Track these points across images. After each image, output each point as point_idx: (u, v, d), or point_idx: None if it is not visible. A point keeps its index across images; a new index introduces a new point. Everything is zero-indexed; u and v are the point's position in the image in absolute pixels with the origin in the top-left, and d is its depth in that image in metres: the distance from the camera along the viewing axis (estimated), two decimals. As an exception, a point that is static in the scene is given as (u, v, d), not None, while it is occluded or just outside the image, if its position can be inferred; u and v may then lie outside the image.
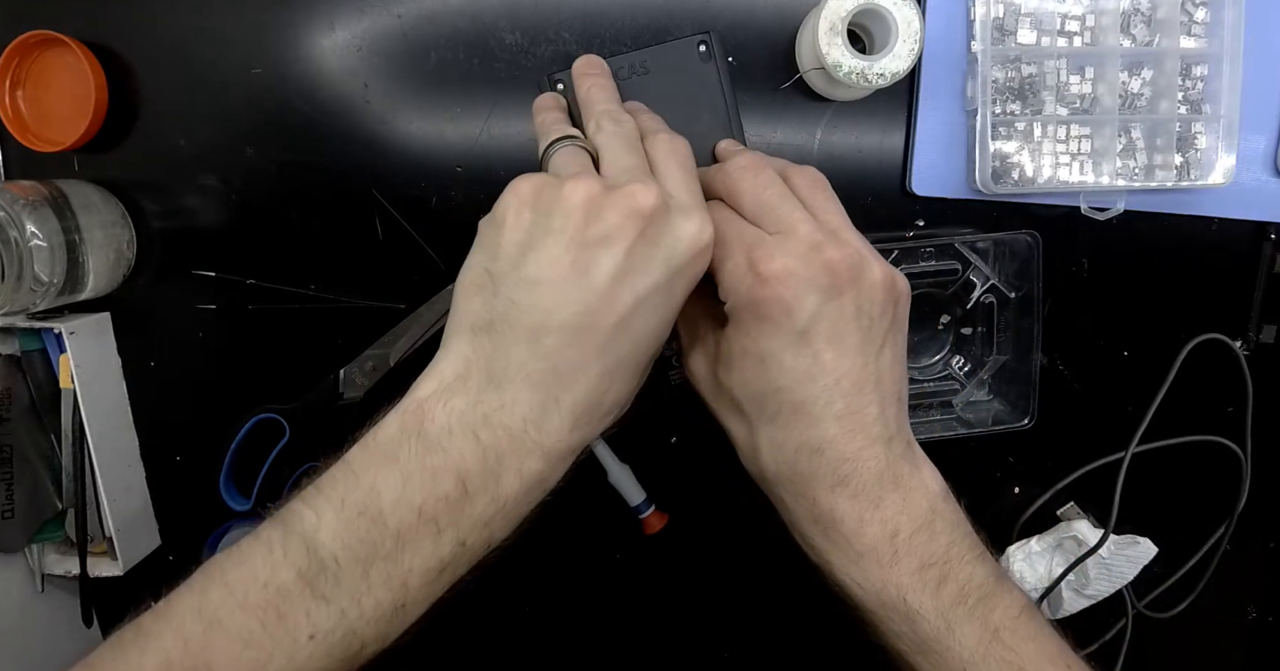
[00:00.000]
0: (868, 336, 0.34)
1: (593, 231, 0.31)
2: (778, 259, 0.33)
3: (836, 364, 0.33)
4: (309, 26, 0.48)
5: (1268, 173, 0.50)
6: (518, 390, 0.31)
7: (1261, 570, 0.57)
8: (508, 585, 0.55)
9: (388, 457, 0.30)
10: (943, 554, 0.33)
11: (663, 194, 0.32)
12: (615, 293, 0.31)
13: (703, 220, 0.33)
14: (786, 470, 0.35)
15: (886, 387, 0.34)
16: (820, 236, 0.34)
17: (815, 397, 0.33)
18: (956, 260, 0.50)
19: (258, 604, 0.28)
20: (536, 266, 0.31)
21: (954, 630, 0.32)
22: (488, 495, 0.30)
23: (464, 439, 0.30)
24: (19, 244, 0.43)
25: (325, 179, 0.49)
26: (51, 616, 0.53)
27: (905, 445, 0.35)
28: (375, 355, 0.50)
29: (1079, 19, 0.47)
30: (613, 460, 0.51)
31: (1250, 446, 0.53)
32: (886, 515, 0.33)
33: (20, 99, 0.48)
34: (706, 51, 0.43)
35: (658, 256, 0.31)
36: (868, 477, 0.34)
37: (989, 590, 0.33)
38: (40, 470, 0.50)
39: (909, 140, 0.49)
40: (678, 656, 0.56)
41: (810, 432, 0.33)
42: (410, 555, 0.29)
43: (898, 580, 0.33)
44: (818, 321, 0.33)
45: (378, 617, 0.29)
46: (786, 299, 0.33)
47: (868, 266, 0.34)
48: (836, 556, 0.34)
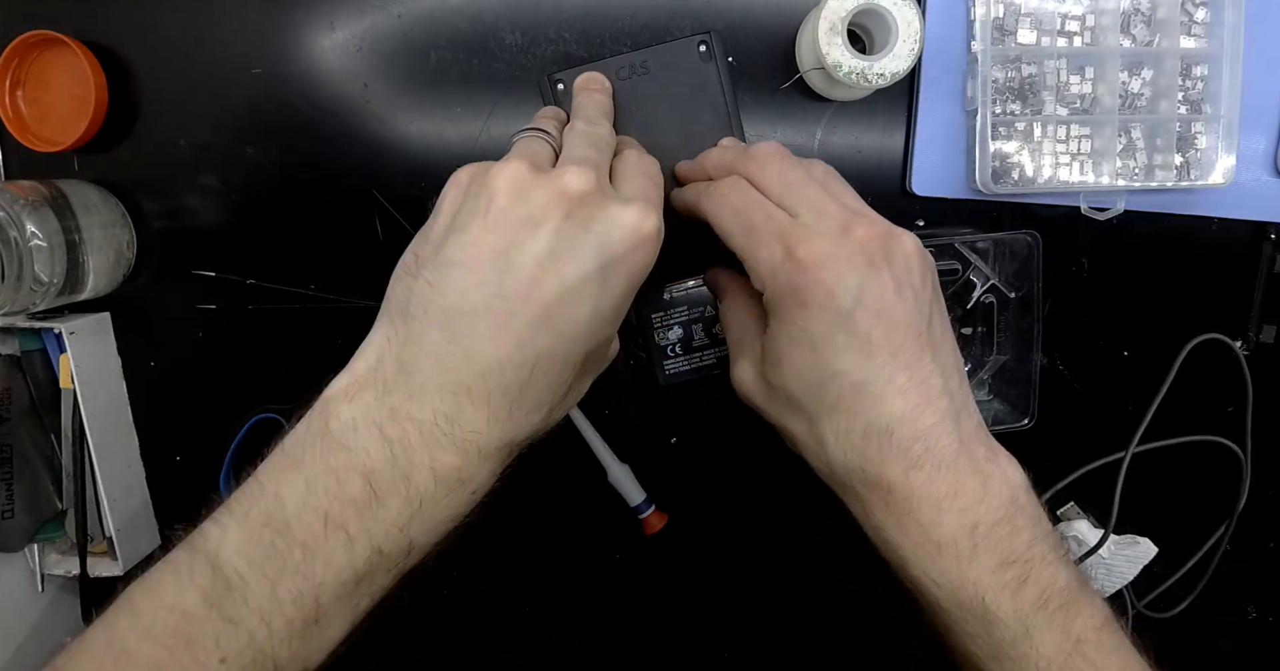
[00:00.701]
0: (915, 308, 0.33)
1: (516, 212, 0.29)
2: (813, 242, 0.32)
3: (890, 338, 0.32)
4: (309, 26, 0.48)
5: (1268, 173, 0.50)
6: (427, 377, 0.29)
7: (1261, 570, 0.57)
8: (508, 585, 0.55)
9: (292, 463, 0.29)
10: (1024, 552, 0.32)
11: (600, 180, 0.31)
12: (538, 276, 0.29)
13: (645, 211, 0.31)
14: (856, 458, 0.33)
15: (945, 358, 0.33)
16: (848, 216, 0.33)
17: (875, 375, 0.32)
18: (956, 260, 0.50)
19: (165, 631, 0.27)
20: (458, 247, 0.30)
21: (1032, 637, 0.31)
22: (399, 496, 0.28)
23: (369, 435, 0.28)
24: (19, 244, 0.43)
25: (325, 179, 0.49)
26: (51, 616, 0.53)
27: (976, 423, 0.34)
28: (375, 355, 0.50)
29: (1079, 19, 0.47)
30: (613, 460, 0.51)
31: (1250, 446, 0.53)
32: (965, 503, 0.32)
33: (20, 99, 0.48)
34: (707, 51, 0.43)
35: (588, 242, 0.30)
36: (943, 458, 0.32)
37: (1072, 596, 0.31)
38: (40, 470, 0.50)
39: (909, 140, 0.49)
40: (678, 656, 0.56)
41: (876, 412, 0.32)
42: (321, 566, 0.27)
43: (976, 578, 0.31)
44: (863, 299, 0.32)
45: (290, 636, 0.27)
46: (828, 281, 0.32)
47: (898, 239, 0.33)
48: (912, 550, 0.32)
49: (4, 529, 0.49)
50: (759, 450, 0.52)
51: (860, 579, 0.55)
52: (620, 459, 0.51)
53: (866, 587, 0.55)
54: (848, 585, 0.55)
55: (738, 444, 0.52)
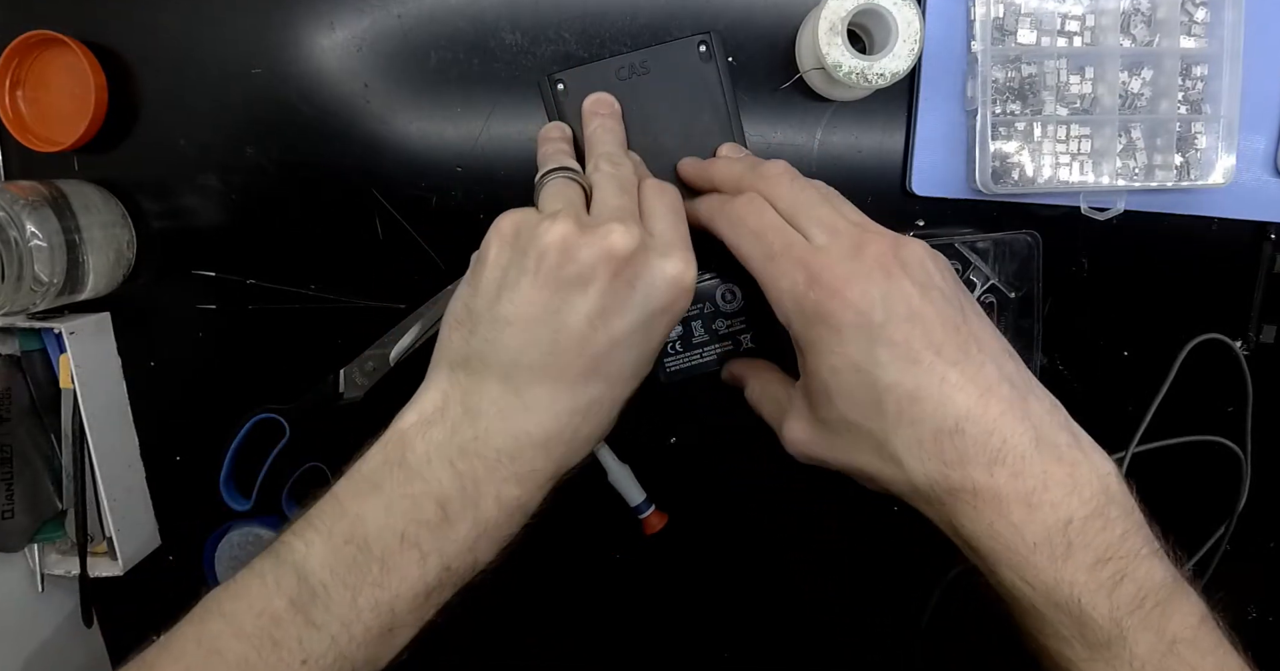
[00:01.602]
0: (945, 305, 0.33)
1: (567, 272, 0.31)
2: (828, 270, 0.33)
3: (929, 339, 0.32)
4: (309, 26, 0.48)
5: (1268, 173, 0.50)
6: (490, 423, 0.32)
7: (1261, 570, 0.57)
8: (508, 585, 0.55)
9: (372, 487, 0.32)
10: (1119, 546, 0.30)
11: (642, 235, 0.33)
12: (588, 334, 0.32)
13: (685, 261, 0.33)
14: (935, 466, 0.32)
15: (991, 346, 0.33)
16: (858, 233, 0.34)
17: (926, 378, 0.32)
18: (957, 260, 0.50)
19: (253, 632, 0.29)
20: (511, 305, 0.32)
21: (1126, 638, 0.30)
22: (468, 521, 0.31)
23: (442, 468, 0.31)
24: (19, 244, 0.43)
25: (325, 179, 0.49)
26: (51, 616, 0.53)
27: (1050, 407, 0.33)
28: (375, 355, 0.50)
29: (1079, 19, 0.47)
30: (613, 460, 0.51)
31: (1250, 446, 0.53)
32: (1056, 496, 0.30)
33: (20, 99, 0.48)
34: (707, 51, 0.43)
35: (634, 298, 0.32)
36: (1024, 449, 0.31)
37: (1168, 593, 0.30)
38: (40, 470, 0.50)
39: (909, 140, 0.49)
40: (678, 656, 0.56)
41: (941, 414, 0.31)
42: (397, 580, 0.30)
43: (1071, 577, 0.30)
44: (892, 309, 0.32)
45: (367, 642, 0.30)
46: (854, 300, 0.33)
47: (908, 247, 0.34)
48: (1006, 553, 0.31)
49: (4, 529, 0.49)
50: (759, 450, 0.52)
51: (860, 579, 0.55)
52: (620, 459, 0.51)
53: (866, 587, 0.55)
54: (848, 585, 0.55)
55: (738, 444, 0.52)
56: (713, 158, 0.43)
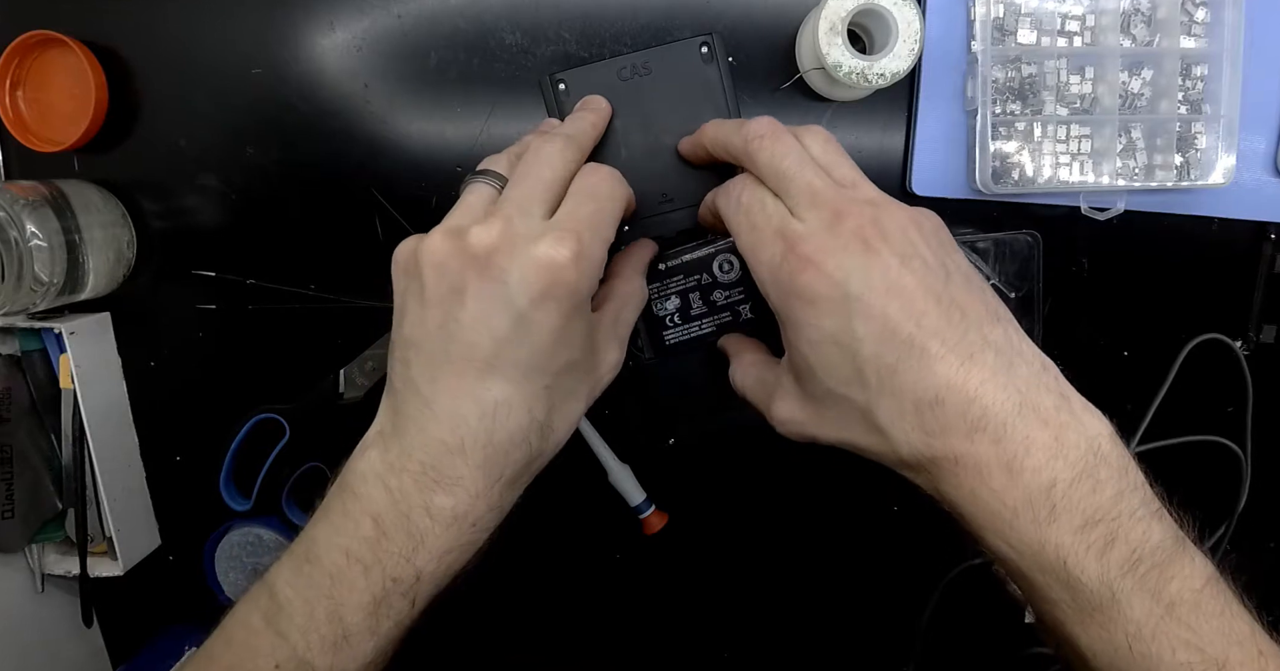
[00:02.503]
0: (925, 274, 0.32)
1: (442, 286, 0.33)
2: (804, 243, 0.33)
3: (908, 310, 0.32)
4: (309, 26, 0.48)
5: (1268, 173, 0.50)
6: (411, 438, 0.33)
7: (1261, 570, 0.57)
8: (508, 585, 0.55)
9: (324, 511, 0.35)
10: (1110, 508, 0.30)
11: (507, 229, 0.33)
12: (473, 339, 0.32)
13: (557, 241, 0.32)
14: (918, 436, 0.32)
15: (977, 311, 0.32)
16: (840, 201, 0.34)
17: (907, 350, 0.31)
18: (956, 260, 0.50)
19: (238, 640, 0.34)
20: (408, 328, 0.34)
21: (1119, 601, 0.29)
22: (402, 532, 0.33)
23: (375, 485, 0.33)
24: (19, 244, 0.43)
25: (325, 179, 0.49)
26: (51, 616, 0.53)
27: (1038, 368, 0.32)
28: (375, 355, 0.50)
29: (1079, 19, 0.47)
30: (613, 460, 0.51)
31: (1250, 446, 0.53)
32: (1039, 461, 0.30)
33: (20, 99, 0.48)
34: (709, 53, 0.43)
35: (506, 292, 0.32)
36: (1005, 415, 0.30)
37: (1166, 555, 0.30)
38: (40, 470, 0.50)
39: (909, 140, 0.49)
40: (678, 656, 0.56)
41: (920, 385, 0.31)
42: (345, 591, 0.32)
43: (1057, 540, 0.29)
44: (868, 281, 0.32)
45: (324, 650, 0.32)
46: (829, 273, 0.32)
47: (888, 214, 0.33)
48: (988, 518, 0.31)
49: (4, 529, 0.49)
50: (759, 450, 0.52)
51: (860, 578, 0.55)
52: (620, 459, 0.51)
53: (867, 587, 0.55)
54: (848, 585, 0.55)
55: (738, 444, 0.52)
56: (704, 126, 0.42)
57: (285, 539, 0.52)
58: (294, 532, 0.52)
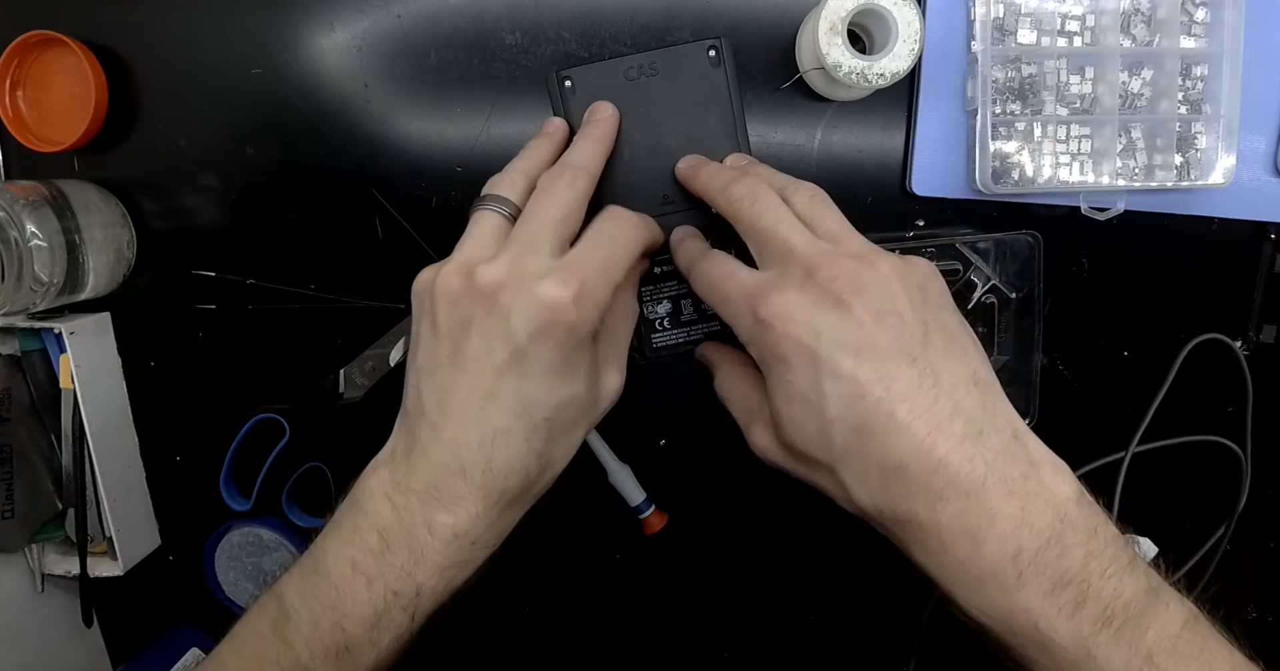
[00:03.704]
0: (901, 334, 0.32)
1: (453, 319, 0.35)
2: (775, 299, 0.33)
3: (879, 373, 0.31)
4: (309, 26, 0.48)
5: (1268, 173, 0.50)
6: (418, 459, 0.35)
7: (1261, 570, 0.57)
8: (508, 585, 0.55)
9: (334, 525, 0.36)
10: (1079, 571, 0.30)
11: (514, 267, 0.34)
12: (478, 370, 0.34)
13: (560, 283, 0.33)
14: (882, 500, 0.32)
15: (952, 377, 0.32)
16: (815, 254, 0.33)
17: (872, 414, 0.31)
18: (957, 260, 0.50)
19: (246, 648, 0.35)
20: (421, 357, 0.36)
21: (1095, 657, 0.29)
22: (405, 547, 0.34)
23: (382, 502, 0.35)
24: (19, 244, 0.43)
25: (325, 179, 0.49)
26: (51, 616, 0.53)
27: (1008, 438, 0.32)
28: (375, 355, 0.50)
29: (1079, 19, 0.47)
30: (613, 460, 0.51)
31: (1250, 446, 0.53)
32: (1004, 531, 0.30)
33: (20, 99, 0.48)
34: (716, 56, 0.43)
35: (508, 328, 0.33)
36: (969, 487, 0.30)
37: (1140, 608, 0.30)
38: (40, 470, 0.50)
39: (909, 140, 0.49)
40: (678, 656, 0.56)
41: (884, 451, 0.31)
42: (348, 602, 0.34)
43: (1026, 605, 0.30)
44: (838, 341, 0.32)
45: (327, 659, 0.33)
46: (796, 333, 0.32)
47: (869, 268, 0.33)
48: (956, 585, 0.31)
49: (4, 529, 0.49)
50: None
51: (860, 579, 0.55)
52: (620, 459, 0.51)
53: (867, 588, 0.55)
54: (848, 585, 0.55)
55: (737, 444, 0.52)
56: (702, 161, 0.42)
57: (285, 539, 0.52)
58: (294, 532, 0.52)
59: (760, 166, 0.41)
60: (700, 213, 0.44)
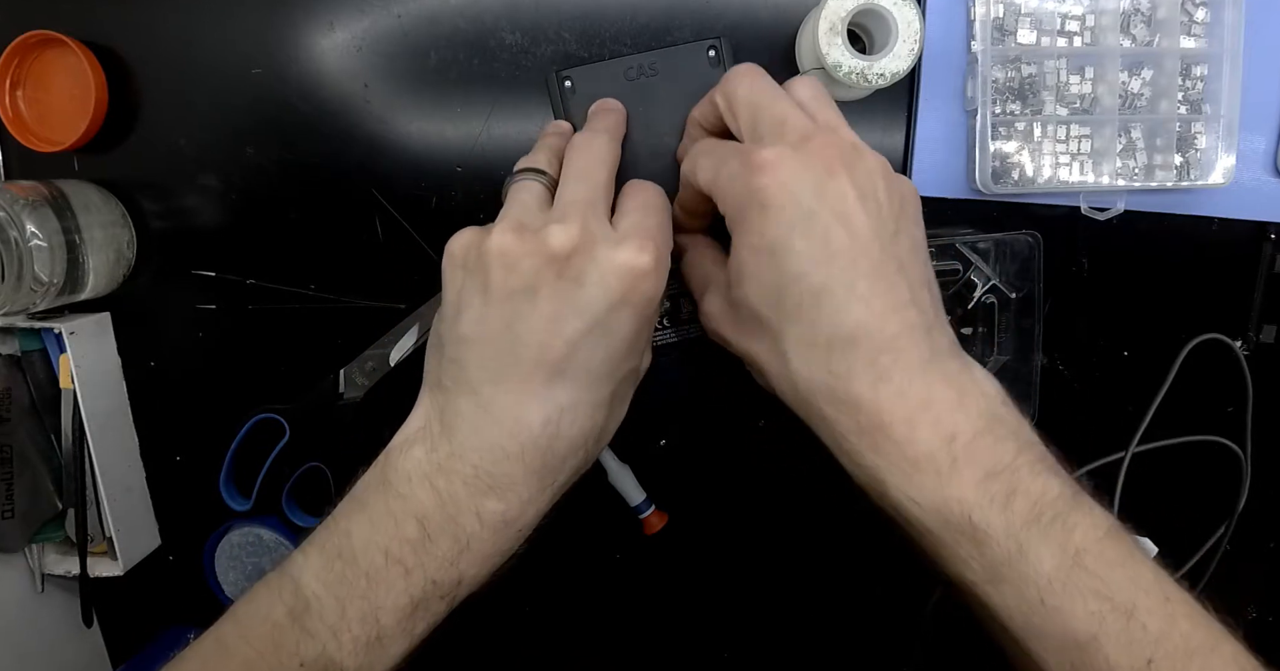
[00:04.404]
0: (877, 219, 0.32)
1: (513, 284, 0.32)
2: (767, 150, 0.32)
3: (850, 243, 0.31)
4: (309, 26, 0.48)
5: (1268, 173, 0.50)
6: (465, 438, 0.32)
7: (1261, 570, 0.57)
8: (508, 585, 0.55)
9: (360, 505, 0.33)
10: (1010, 462, 0.30)
11: (585, 231, 0.32)
12: (545, 340, 0.31)
13: (638, 249, 0.32)
14: (821, 374, 0.31)
15: (913, 273, 0.32)
16: (811, 126, 0.33)
17: (835, 279, 0.31)
18: (957, 260, 0.50)
19: (258, 635, 0.32)
20: (467, 325, 0.33)
21: (1027, 553, 0.29)
22: (448, 536, 0.32)
23: (421, 485, 0.32)
24: (19, 244, 0.43)
25: (325, 179, 0.49)
26: (51, 616, 0.53)
27: (950, 341, 0.32)
28: (375, 355, 0.50)
29: (1079, 19, 0.47)
30: (613, 460, 0.51)
31: (1250, 446, 0.53)
32: (939, 414, 0.30)
33: (20, 99, 0.48)
34: (716, 56, 0.43)
35: (585, 295, 0.31)
36: (912, 369, 0.30)
37: (1066, 506, 0.29)
38: (40, 470, 0.50)
39: (909, 140, 0.49)
40: (678, 656, 0.56)
41: (838, 320, 0.31)
42: (382, 593, 0.31)
43: (960, 494, 0.29)
44: (821, 200, 0.31)
45: (356, 650, 0.31)
46: (784, 180, 0.31)
47: (861, 153, 0.33)
48: (888, 471, 0.31)
49: (4, 529, 0.49)
50: (758, 450, 0.52)
51: (861, 578, 0.55)
52: (620, 459, 0.51)
53: (867, 587, 0.55)
54: (848, 585, 0.55)
55: (737, 444, 0.52)
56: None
57: (285, 539, 0.52)
58: (294, 533, 0.52)
59: None
60: None
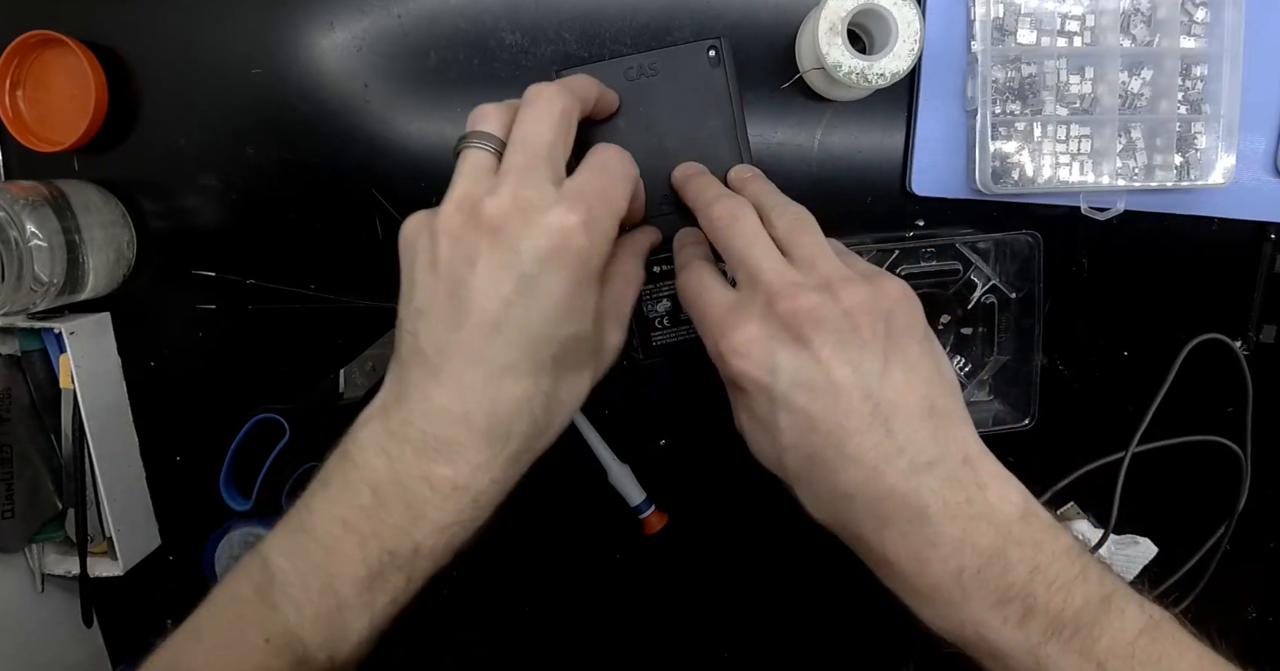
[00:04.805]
0: (858, 368, 0.32)
1: (454, 255, 0.33)
2: (737, 332, 0.33)
3: (831, 408, 0.32)
4: (309, 26, 0.48)
5: (1268, 173, 0.50)
6: (414, 404, 0.33)
7: (1261, 570, 0.57)
8: (508, 585, 0.55)
9: (322, 481, 0.34)
10: (1024, 585, 0.31)
11: (516, 197, 0.32)
12: (484, 303, 0.32)
13: (568, 208, 0.32)
14: (831, 520, 0.34)
15: (907, 410, 0.32)
16: (781, 284, 0.33)
17: (823, 446, 0.32)
18: (957, 260, 0.50)
19: (226, 614, 0.33)
20: (420, 299, 0.34)
21: (1045, 666, 0.30)
22: (400, 503, 0.32)
23: (374, 453, 0.33)
24: (19, 244, 0.43)
25: (325, 179, 0.49)
26: (51, 616, 0.53)
27: (958, 464, 0.32)
28: (375, 355, 0.50)
29: (1079, 19, 0.47)
30: (613, 460, 0.51)
31: (1250, 446, 0.53)
32: (945, 552, 0.31)
33: (20, 99, 0.48)
34: (716, 57, 0.43)
35: (517, 256, 0.32)
36: (913, 513, 0.31)
37: (1091, 616, 0.30)
38: (40, 470, 0.50)
39: (909, 140, 0.49)
40: (678, 656, 0.56)
41: (834, 481, 0.33)
42: (340, 563, 0.32)
43: (974, 618, 0.31)
44: (794, 376, 0.32)
45: (316, 622, 0.32)
46: (752, 369, 0.33)
47: (831, 301, 0.33)
48: (907, 598, 0.33)
49: (4, 529, 0.49)
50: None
51: (860, 578, 0.55)
52: (620, 459, 0.51)
53: (866, 587, 0.55)
54: (848, 585, 0.55)
55: (736, 444, 0.52)
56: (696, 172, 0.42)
57: (285, 539, 0.52)
58: (294, 532, 0.52)
59: (760, 182, 0.41)
60: None
